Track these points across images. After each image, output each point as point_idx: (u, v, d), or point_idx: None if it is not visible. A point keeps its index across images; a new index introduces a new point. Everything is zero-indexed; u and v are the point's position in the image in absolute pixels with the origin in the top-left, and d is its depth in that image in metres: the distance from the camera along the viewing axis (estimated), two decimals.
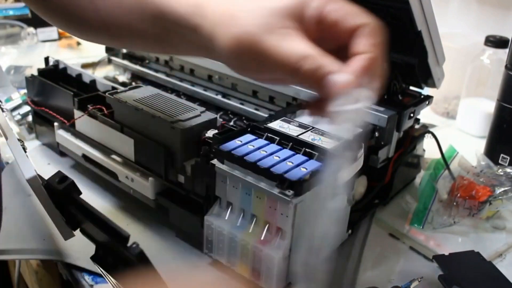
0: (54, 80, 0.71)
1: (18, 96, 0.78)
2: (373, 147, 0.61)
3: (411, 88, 0.67)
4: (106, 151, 0.63)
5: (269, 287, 0.49)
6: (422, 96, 0.66)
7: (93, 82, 0.72)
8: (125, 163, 0.61)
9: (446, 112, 1.00)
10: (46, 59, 0.77)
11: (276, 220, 0.47)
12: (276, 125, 0.54)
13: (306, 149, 0.50)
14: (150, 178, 0.57)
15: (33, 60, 1.07)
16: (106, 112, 0.62)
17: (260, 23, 0.37)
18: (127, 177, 0.60)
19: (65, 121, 0.67)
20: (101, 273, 0.47)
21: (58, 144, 0.71)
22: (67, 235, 0.47)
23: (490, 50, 0.89)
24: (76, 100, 0.65)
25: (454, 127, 0.96)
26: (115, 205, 0.65)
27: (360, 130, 0.40)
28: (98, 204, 0.63)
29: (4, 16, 1.26)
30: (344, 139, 0.38)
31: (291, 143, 0.51)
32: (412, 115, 0.63)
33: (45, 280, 0.80)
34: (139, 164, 0.59)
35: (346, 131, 0.38)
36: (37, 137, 0.79)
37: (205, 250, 0.53)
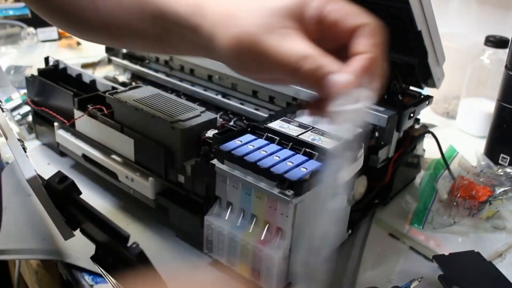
0: (54, 80, 0.71)
1: (18, 96, 0.78)
2: (373, 147, 0.61)
3: (411, 88, 0.67)
4: (106, 151, 0.63)
5: (269, 287, 0.49)
6: (422, 96, 0.66)
7: (93, 82, 0.72)
8: (125, 163, 0.61)
9: (446, 112, 1.00)
10: (46, 59, 0.77)
11: (276, 220, 0.47)
12: (276, 125, 0.54)
13: (306, 149, 0.50)
14: (150, 178, 0.57)
15: (33, 60, 1.07)
16: (106, 112, 0.62)
17: (260, 23, 0.37)
18: (127, 177, 0.60)
19: (65, 121, 0.67)
20: (101, 273, 0.47)
21: (58, 144, 0.71)
22: (67, 235, 0.47)
23: (490, 50, 0.89)
24: (76, 100, 0.65)
25: (454, 127, 0.96)
26: (115, 205, 0.65)
27: (360, 130, 0.40)
28: (98, 204, 0.63)
29: (4, 16, 1.26)
30: (344, 139, 0.38)
31: (291, 143, 0.51)
32: (412, 115, 0.63)
33: (45, 280, 0.80)
34: (139, 164, 0.59)
35: (346, 131, 0.38)
36: (37, 137, 0.79)
37: (205, 250, 0.53)
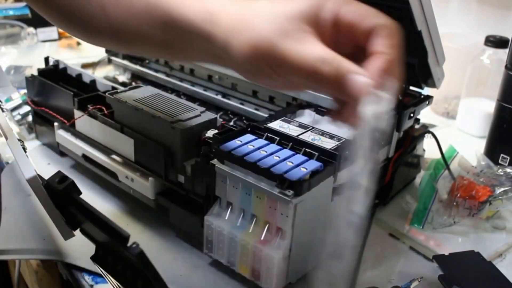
0: (54, 80, 0.71)
1: (18, 96, 0.78)
2: None
3: (411, 88, 0.67)
4: (106, 151, 0.63)
5: (269, 287, 0.49)
6: (422, 96, 0.66)
7: (93, 82, 0.72)
8: (125, 163, 0.61)
9: (446, 112, 1.00)
10: (46, 59, 0.77)
11: (276, 220, 0.47)
12: (276, 125, 0.54)
13: (306, 149, 0.50)
14: (150, 178, 0.57)
15: (33, 60, 1.07)
16: (106, 112, 0.62)
17: (275, 28, 0.37)
18: (127, 177, 0.60)
19: (65, 121, 0.67)
20: (101, 273, 0.47)
21: (58, 144, 0.71)
22: (67, 235, 0.47)
23: (490, 50, 0.89)
24: (76, 100, 0.65)
25: (454, 127, 0.96)
26: (115, 205, 0.65)
27: (382, 132, 0.39)
28: (98, 204, 0.63)
29: (4, 16, 1.26)
30: (368, 141, 0.37)
31: (291, 143, 0.51)
32: (412, 115, 0.63)
33: (45, 280, 0.80)
34: (139, 164, 0.59)
35: (369, 133, 0.37)
36: (37, 137, 0.79)
37: (205, 250, 0.53)
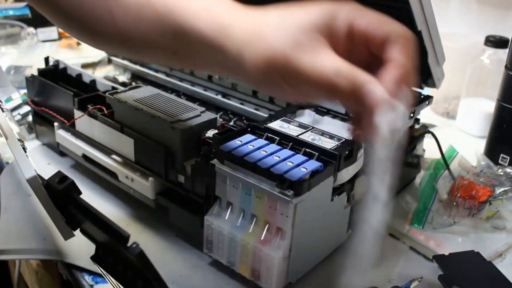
0: (54, 80, 0.71)
1: (18, 96, 0.78)
2: None
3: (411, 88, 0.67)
4: (106, 151, 0.63)
5: (269, 287, 0.49)
6: (422, 96, 0.66)
7: (93, 82, 0.72)
8: (125, 163, 0.61)
9: (446, 112, 1.00)
10: (46, 59, 0.77)
11: (276, 220, 0.47)
12: (276, 125, 0.54)
13: (306, 149, 0.50)
14: (150, 178, 0.57)
15: (33, 60, 1.07)
16: (106, 112, 0.62)
17: (289, 40, 0.36)
18: (127, 177, 0.60)
19: (65, 121, 0.67)
20: (101, 273, 0.47)
21: (58, 144, 0.71)
22: (67, 235, 0.47)
23: (490, 50, 0.89)
24: (76, 100, 0.65)
25: (454, 127, 0.96)
26: (115, 205, 0.65)
27: (398, 143, 0.38)
28: (98, 204, 0.63)
29: (4, 16, 1.26)
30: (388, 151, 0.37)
31: (291, 143, 0.51)
32: (412, 115, 0.63)
33: (45, 280, 0.80)
34: (139, 164, 0.59)
35: (385, 145, 0.37)
36: (37, 137, 0.79)
37: (205, 250, 0.53)
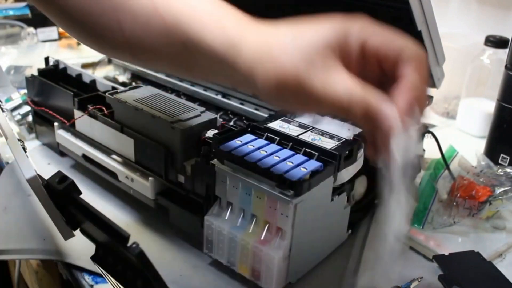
0: (54, 80, 0.71)
1: (18, 96, 0.78)
2: None
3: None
4: (106, 151, 0.63)
5: (269, 287, 0.49)
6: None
7: (93, 82, 0.72)
8: (125, 163, 0.61)
9: (446, 112, 1.00)
10: (46, 59, 0.77)
11: (276, 220, 0.47)
12: (276, 125, 0.54)
13: (306, 149, 0.50)
14: (150, 178, 0.57)
15: (33, 60, 1.07)
16: (106, 112, 0.62)
17: (301, 60, 0.35)
18: (127, 177, 0.60)
19: (65, 121, 0.67)
20: (101, 273, 0.47)
21: (58, 144, 0.71)
22: (67, 235, 0.47)
23: (490, 50, 0.89)
24: (76, 100, 0.65)
25: (454, 127, 0.96)
26: (115, 205, 0.65)
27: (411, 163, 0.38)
28: (98, 204, 0.63)
29: (4, 16, 1.26)
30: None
31: (291, 143, 0.51)
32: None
33: (45, 280, 0.80)
34: (139, 164, 0.59)
35: (398, 167, 0.37)
36: (37, 137, 0.79)
37: (205, 250, 0.53)
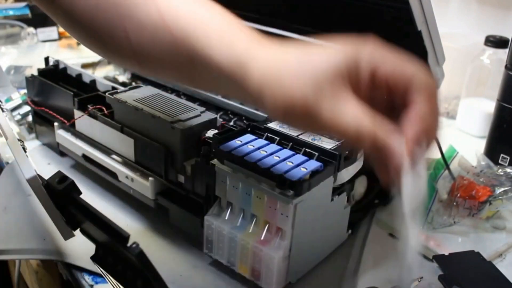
0: (54, 80, 0.71)
1: (18, 96, 0.78)
2: None
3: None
4: (106, 151, 0.63)
5: (269, 287, 0.49)
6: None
7: (93, 82, 0.72)
8: (125, 163, 0.61)
9: (446, 112, 1.00)
10: (46, 59, 0.77)
11: (276, 220, 0.47)
12: (276, 125, 0.54)
13: (306, 149, 0.50)
14: (150, 178, 0.57)
15: (33, 60, 1.07)
16: (106, 112, 0.62)
17: (310, 87, 0.35)
18: (127, 177, 0.60)
19: (65, 121, 0.67)
20: (101, 273, 0.47)
21: (58, 144, 0.71)
22: (67, 235, 0.47)
23: (490, 50, 0.89)
24: (76, 100, 0.65)
25: (454, 127, 0.96)
26: (115, 205, 0.65)
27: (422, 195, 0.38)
28: (98, 204, 0.63)
29: (4, 16, 1.26)
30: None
31: (291, 143, 0.51)
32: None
33: (45, 280, 0.80)
34: (139, 164, 0.59)
35: (408, 201, 0.37)
36: (37, 137, 0.78)
37: (205, 250, 0.53)
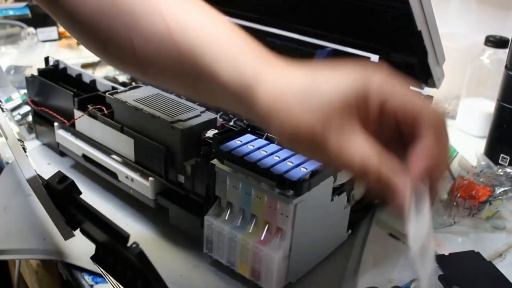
0: (54, 80, 0.71)
1: (18, 96, 0.78)
2: None
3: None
4: (106, 151, 0.63)
5: (269, 287, 0.49)
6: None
7: (93, 82, 0.72)
8: (125, 163, 0.61)
9: (446, 112, 1.00)
10: (46, 59, 0.77)
11: (276, 220, 0.47)
12: None
13: None
14: (150, 178, 0.57)
15: (33, 60, 1.07)
16: (106, 112, 0.62)
17: (317, 119, 0.34)
18: (127, 177, 0.60)
19: (65, 121, 0.67)
20: (101, 273, 0.47)
21: (58, 144, 0.71)
22: (67, 235, 0.47)
23: (490, 50, 0.89)
24: (76, 100, 0.65)
25: (454, 127, 0.96)
26: (115, 205, 0.65)
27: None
28: (98, 204, 0.63)
29: (4, 16, 1.26)
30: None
31: None
32: None
33: (45, 280, 0.80)
34: (139, 164, 0.59)
35: (414, 246, 0.36)
36: (37, 137, 0.78)
37: (205, 250, 0.53)
